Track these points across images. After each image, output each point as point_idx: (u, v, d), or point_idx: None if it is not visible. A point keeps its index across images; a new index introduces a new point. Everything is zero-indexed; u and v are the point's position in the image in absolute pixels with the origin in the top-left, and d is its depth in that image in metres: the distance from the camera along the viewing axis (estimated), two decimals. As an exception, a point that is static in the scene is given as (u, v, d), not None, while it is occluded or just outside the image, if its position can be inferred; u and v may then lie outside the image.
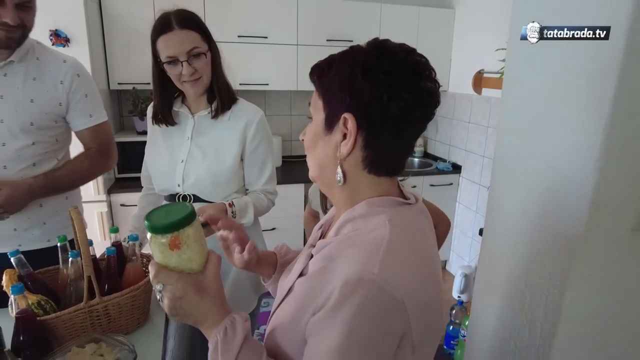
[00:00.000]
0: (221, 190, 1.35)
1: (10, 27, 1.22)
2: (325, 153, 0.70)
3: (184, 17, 1.23)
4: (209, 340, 0.68)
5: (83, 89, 1.41)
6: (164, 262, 0.68)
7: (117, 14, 2.59)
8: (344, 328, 0.59)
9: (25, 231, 1.39)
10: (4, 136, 1.30)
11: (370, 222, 0.67)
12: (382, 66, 0.64)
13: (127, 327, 1.22)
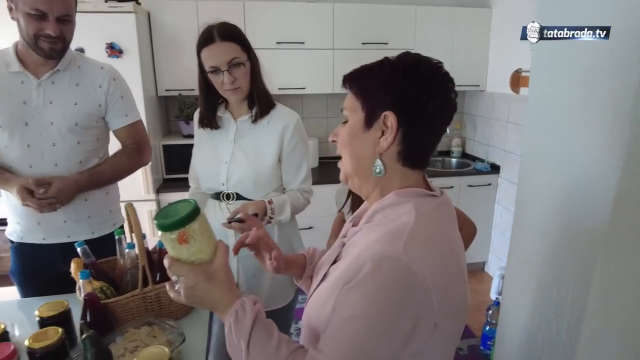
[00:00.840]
0: (261, 189, 1.45)
1: (52, 39, 1.37)
2: (365, 148, 0.77)
3: (225, 30, 1.34)
4: (225, 324, 0.76)
5: (119, 91, 1.57)
6: (176, 256, 0.76)
7: (164, 26, 2.77)
8: (368, 298, 0.66)
9: (73, 223, 1.55)
10: (54, 137, 1.46)
11: (398, 210, 0.74)
12: (420, 71, 0.73)
13: (176, 314, 1.34)
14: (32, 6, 1.30)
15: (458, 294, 0.72)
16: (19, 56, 1.43)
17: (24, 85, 1.43)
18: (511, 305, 1.24)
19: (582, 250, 0.96)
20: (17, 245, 1.56)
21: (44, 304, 1.24)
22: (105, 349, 0.87)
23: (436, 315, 0.68)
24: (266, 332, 0.73)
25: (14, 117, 1.42)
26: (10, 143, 1.44)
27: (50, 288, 1.53)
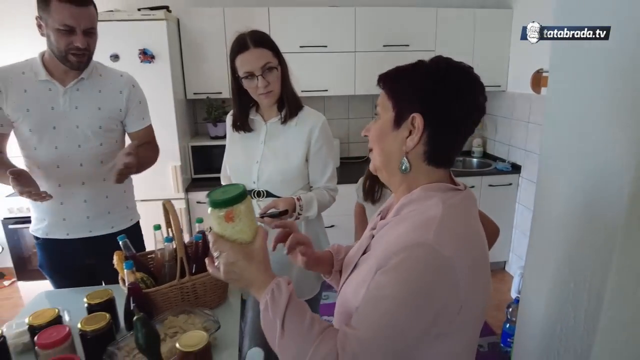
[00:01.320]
0: (289, 187, 1.53)
1: (80, 51, 1.48)
2: (393, 146, 0.83)
3: (257, 37, 1.42)
4: (260, 302, 0.81)
5: (137, 97, 1.70)
6: (221, 232, 0.83)
7: (193, 32, 2.89)
8: (400, 281, 0.72)
9: (95, 219, 1.67)
10: (79, 139, 1.58)
11: (426, 204, 0.80)
12: (450, 76, 0.79)
13: (210, 303, 1.43)
14: (61, 22, 1.41)
15: (482, 281, 0.78)
16: (46, 65, 1.54)
17: (52, 92, 1.55)
18: (531, 297, 1.29)
19: (599, 243, 1.01)
20: (43, 241, 1.68)
21: (91, 292, 1.35)
22: (153, 329, 0.96)
23: (462, 299, 0.74)
24: (300, 310, 0.79)
25: (43, 121, 1.54)
26: (40, 145, 1.55)
27: (76, 279, 1.66)
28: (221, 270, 0.82)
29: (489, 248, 1.36)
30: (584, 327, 1.05)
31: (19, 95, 1.52)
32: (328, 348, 0.74)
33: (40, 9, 1.44)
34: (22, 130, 1.55)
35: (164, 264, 1.44)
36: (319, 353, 0.74)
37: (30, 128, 1.53)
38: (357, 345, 0.73)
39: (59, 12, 1.41)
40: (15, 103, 1.52)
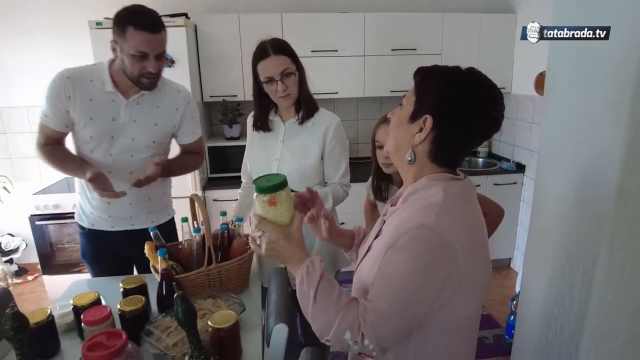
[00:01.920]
0: (306, 182, 1.65)
1: (152, 75, 1.56)
2: (404, 137, 0.94)
3: (277, 45, 1.55)
4: (296, 276, 0.92)
5: (191, 113, 1.78)
6: (264, 215, 0.94)
7: (209, 37, 3.03)
8: (408, 258, 0.84)
9: (137, 216, 1.79)
10: (133, 150, 1.68)
11: (429, 192, 0.91)
12: (469, 90, 0.87)
13: (234, 289, 1.54)
14: (136, 49, 1.48)
15: (480, 257, 0.89)
16: (113, 76, 1.60)
17: (115, 103, 1.62)
18: (531, 281, 1.40)
19: (589, 230, 1.12)
20: (87, 231, 1.80)
21: (126, 278, 1.48)
22: (191, 305, 1.07)
23: (462, 273, 0.85)
24: (330, 285, 0.91)
25: (103, 130, 1.63)
26: (96, 150, 1.66)
27: (114, 269, 1.79)
28: (263, 247, 0.94)
29: (495, 228, 1.47)
30: (578, 307, 1.16)
31: (85, 103, 1.60)
32: (352, 317, 0.85)
33: (116, 34, 1.50)
34: (83, 134, 1.64)
35: (191, 252, 1.56)
36: (344, 321, 0.86)
37: (91, 135, 1.63)
38: (374, 316, 0.84)
39: (134, 39, 1.46)
40: (81, 110, 1.60)
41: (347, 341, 0.87)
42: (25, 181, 3.40)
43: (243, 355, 1.24)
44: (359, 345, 0.86)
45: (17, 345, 1.03)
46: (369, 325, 0.84)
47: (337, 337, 0.87)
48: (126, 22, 1.47)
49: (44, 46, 3.18)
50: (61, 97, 1.59)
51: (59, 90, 1.59)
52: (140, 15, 1.49)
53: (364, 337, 0.85)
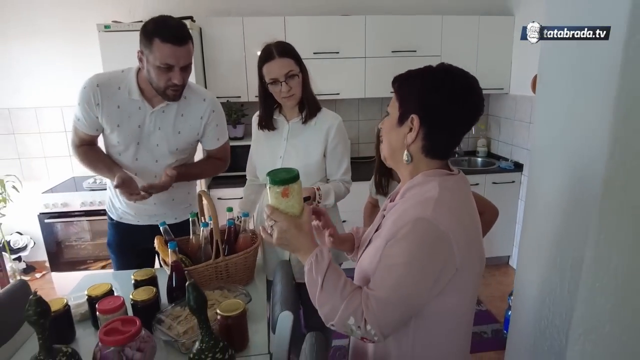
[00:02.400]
0: (309, 179, 1.72)
1: (177, 87, 1.57)
2: (397, 140, 1.00)
3: (282, 48, 1.62)
4: (305, 264, 0.98)
5: (215, 121, 1.80)
6: (276, 205, 0.99)
7: (214, 40, 3.10)
8: (406, 249, 0.89)
9: (161, 215, 1.85)
10: (158, 156, 1.74)
11: (425, 187, 0.97)
12: (446, 83, 0.94)
13: (240, 282, 1.61)
14: (162, 62, 1.49)
15: (474, 246, 0.95)
16: (140, 85, 1.63)
17: (141, 111, 1.66)
18: (525, 273, 1.46)
19: (578, 222, 1.18)
20: (116, 223, 1.89)
21: (137, 271, 1.55)
22: (202, 293, 1.13)
23: (457, 262, 0.91)
24: (337, 273, 0.96)
25: (130, 137, 1.68)
26: (123, 154, 1.72)
27: (135, 261, 1.85)
28: (274, 236, 0.99)
29: (490, 227, 1.53)
30: (568, 295, 1.22)
31: (113, 110, 1.64)
32: (356, 304, 0.91)
33: (143, 45, 1.52)
34: (111, 139, 1.71)
35: (199, 246, 1.63)
36: (349, 308, 0.91)
37: (118, 140, 1.68)
38: (376, 304, 0.90)
39: (161, 51, 1.47)
40: (109, 116, 1.65)
41: (350, 326, 0.92)
42: (34, 180, 3.48)
43: (250, 343, 1.31)
44: (362, 330, 0.91)
45: (39, 330, 1.09)
46: (371, 312, 0.90)
47: (341, 322, 0.93)
48: (153, 34, 1.48)
49: (53, 49, 3.26)
50: (91, 104, 1.64)
51: (89, 97, 1.63)
52: (166, 27, 1.49)
53: (366, 323, 0.90)
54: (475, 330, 2.73)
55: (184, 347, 1.27)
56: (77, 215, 3.09)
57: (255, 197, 1.95)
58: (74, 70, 3.24)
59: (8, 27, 3.21)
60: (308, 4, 3.37)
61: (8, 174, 3.33)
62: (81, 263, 3.22)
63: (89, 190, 3.13)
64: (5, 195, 3.26)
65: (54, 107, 3.37)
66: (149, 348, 1.15)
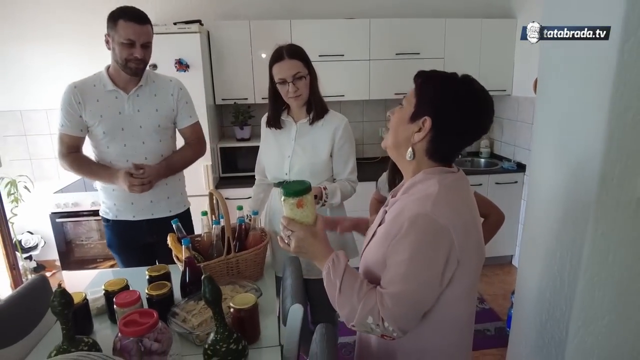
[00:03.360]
0: (316, 178, 1.77)
1: (138, 60, 1.77)
2: (404, 135, 1.03)
3: (291, 50, 1.68)
4: (323, 269, 1.04)
5: (185, 98, 1.97)
6: (292, 216, 1.06)
7: (221, 43, 3.16)
8: (410, 246, 0.94)
9: (157, 203, 1.95)
10: (143, 137, 1.87)
11: (426, 184, 1.01)
12: (466, 96, 0.98)
13: (250, 277, 1.66)
14: (125, 37, 1.72)
15: (473, 239, 1.00)
16: (111, 77, 1.84)
17: (118, 99, 1.84)
18: (527, 268, 1.51)
19: (577, 217, 1.22)
20: (112, 223, 1.97)
21: (151, 267, 1.60)
22: (217, 286, 1.19)
23: (459, 254, 0.95)
24: (354, 275, 1.01)
25: (114, 124, 1.83)
26: (112, 144, 1.85)
27: (138, 258, 1.94)
28: (292, 245, 1.06)
29: (493, 235, 1.57)
30: (567, 289, 1.27)
31: (93, 104, 1.83)
32: (372, 303, 0.95)
33: (109, 27, 1.76)
34: (97, 133, 1.84)
35: (211, 244, 1.69)
36: (366, 307, 0.96)
37: (104, 131, 1.83)
38: (389, 301, 0.94)
39: (124, 29, 1.72)
40: (91, 111, 1.82)
41: (370, 325, 0.96)
42: (44, 181, 3.55)
43: (261, 336, 1.36)
44: (381, 328, 0.95)
45: (63, 320, 1.15)
46: (387, 309, 0.94)
47: (361, 322, 0.97)
48: (118, 16, 1.73)
49: (64, 52, 3.33)
50: (73, 105, 1.82)
51: (69, 99, 1.82)
52: (129, 10, 1.74)
53: (384, 320, 0.94)
54: (478, 327, 2.78)
55: (198, 339, 1.32)
56: (87, 214, 3.16)
57: (264, 195, 2.01)
58: (85, 73, 3.31)
59: (24, 31, 3.29)
60: (314, 7, 3.43)
61: (20, 175, 3.41)
62: (91, 262, 3.29)
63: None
64: (17, 195, 3.33)
65: (64, 109, 3.44)
66: (165, 339, 1.20)
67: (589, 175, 1.18)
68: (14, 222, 3.34)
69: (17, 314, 1.39)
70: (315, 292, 1.86)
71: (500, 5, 3.55)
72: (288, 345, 1.33)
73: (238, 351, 1.18)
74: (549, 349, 1.38)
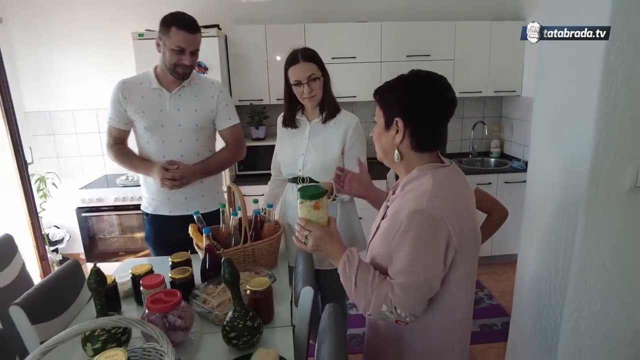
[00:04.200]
0: (328, 174, 1.87)
1: (186, 67, 1.87)
2: (387, 143, 1.15)
3: (306, 53, 1.79)
4: (338, 265, 1.13)
5: (225, 101, 2.05)
6: (308, 217, 1.15)
7: (238, 46, 3.30)
8: (411, 241, 1.03)
9: (191, 200, 2.04)
10: (181, 135, 1.97)
11: (421, 180, 1.10)
12: (416, 87, 1.09)
13: (265, 265, 1.77)
14: (175, 44, 1.82)
15: (468, 228, 1.08)
16: (157, 76, 1.95)
17: (161, 97, 1.95)
18: (526, 258, 1.60)
19: (569, 209, 1.31)
20: (151, 217, 2.09)
21: (174, 254, 1.73)
22: (235, 268, 1.30)
23: (456, 242, 1.04)
24: (367, 268, 1.11)
25: (154, 121, 1.94)
26: (151, 139, 1.96)
27: (173, 250, 2.03)
28: (309, 244, 1.16)
29: (498, 226, 1.66)
30: (561, 277, 1.35)
31: (138, 100, 1.94)
32: (384, 293, 1.05)
33: (161, 32, 1.85)
34: (139, 128, 1.97)
35: (229, 233, 1.81)
36: (379, 297, 1.05)
37: (145, 126, 1.95)
38: (399, 290, 1.04)
39: (175, 36, 1.80)
40: (135, 106, 1.94)
41: (385, 312, 1.06)
42: (70, 178, 3.73)
43: (274, 317, 1.47)
44: (395, 315, 1.05)
45: (97, 296, 1.27)
46: (397, 298, 1.03)
47: (376, 311, 1.07)
48: (171, 23, 1.81)
49: (91, 56, 3.51)
50: (120, 100, 1.94)
51: (117, 94, 1.94)
52: (181, 18, 1.83)
53: (396, 308, 1.04)
54: (486, 322, 2.85)
55: (217, 319, 1.43)
56: (111, 210, 3.33)
57: (279, 191, 2.12)
58: (108, 76, 3.49)
59: (54, 37, 3.48)
60: (327, 11, 3.55)
61: (48, 172, 3.60)
62: (113, 255, 3.45)
63: (121, 186, 3.36)
64: (45, 191, 3.51)
65: (89, 109, 3.62)
66: (188, 316, 1.32)
67: (581, 169, 1.27)
68: (42, 217, 3.52)
69: (56, 293, 1.54)
70: (326, 282, 1.97)
71: (510, 7, 3.61)
72: (299, 325, 1.44)
73: (254, 328, 1.29)
74: (545, 334, 1.46)
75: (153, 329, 0.98)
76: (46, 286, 1.52)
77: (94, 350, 1.25)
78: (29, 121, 3.60)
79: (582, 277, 1.32)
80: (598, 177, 1.23)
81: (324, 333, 1.17)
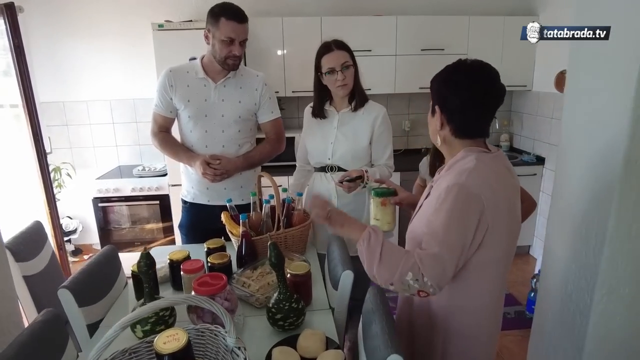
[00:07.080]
0: (357, 163, 1.93)
1: (236, 57, 1.87)
2: (432, 127, 1.24)
3: (339, 43, 1.84)
4: (361, 238, 1.15)
5: (268, 94, 2.05)
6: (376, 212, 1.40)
7: (256, 38, 3.28)
8: (446, 212, 1.08)
9: (231, 190, 2.05)
10: (224, 126, 1.97)
11: (465, 160, 1.16)
12: (453, 77, 1.15)
13: (296, 251, 1.82)
14: (226, 35, 1.81)
15: (504, 208, 1.12)
16: (204, 67, 1.94)
17: (206, 87, 1.95)
18: (554, 243, 1.64)
19: (603, 197, 1.36)
20: (189, 205, 2.11)
21: (209, 241, 1.77)
22: (280, 252, 1.34)
23: (488, 220, 1.08)
24: (391, 243, 1.16)
25: (199, 110, 1.95)
26: (194, 129, 1.97)
27: (205, 238, 2.04)
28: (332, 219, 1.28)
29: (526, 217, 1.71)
30: (593, 261, 1.40)
31: (184, 89, 1.94)
32: (412, 261, 1.08)
33: (210, 23, 1.85)
34: (183, 116, 1.98)
35: (260, 220, 1.85)
36: (407, 265, 1.08)
37: (189, 115, 1.95)
38: (428, 260, 1.07)
39: (225, 27, 1.80)
40: (181, 95, 1.94)
41: (408, 281, 1.07)
42: (84, 168, 3.75)
43: (312, 300, 1.52)
44: (420, 283, 1.07)
45: (146, 279, 1.31)
46: (426, 266, 1.06)
47: (400, 279, 1.08)
48: (219, 14, 1.81)
49: (108, 47, 3.52)
50: (166, 87, 1.95)
51: (164, 82, 1.95)
52: (230, 8, 1.83)
53: (423, 276, 1.07)
54: (498, 311, 2.92)
55: (257, 302, 1.48)
56: (127, 200, 3.36)
57: (305, 180, 2.17)
58: (125, 67, 3.52)
59: (72, 30, 3.49)
60: (343, 4, 3.57)
61: (64, 162, 3.61)
62: (128, 245, 3.48)
63: (138, 177, 3.38)
64: (60, 182, 3.53)
65: (104, 100, 3.63)
66: (233, 299, 1.36)
67: (615, 158, 1.32)
68: (57, 207, 3.54)
69: (98, 277, 1.57)
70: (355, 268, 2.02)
71: (523, 3, 3.65)
72: (339, 307, 1.49)
73: (298, 309, 1.34)
74: (574, 317, 1.52)
75: (219, 307, 1.01)
76: (88, 271, 1.56)
77: (144, 332, 1.29)
78: (43, 111, 3.61)
79: (613, 262, 1.37)
80: (632, 165, 1.28)
81: (371, 313, 1.21)
